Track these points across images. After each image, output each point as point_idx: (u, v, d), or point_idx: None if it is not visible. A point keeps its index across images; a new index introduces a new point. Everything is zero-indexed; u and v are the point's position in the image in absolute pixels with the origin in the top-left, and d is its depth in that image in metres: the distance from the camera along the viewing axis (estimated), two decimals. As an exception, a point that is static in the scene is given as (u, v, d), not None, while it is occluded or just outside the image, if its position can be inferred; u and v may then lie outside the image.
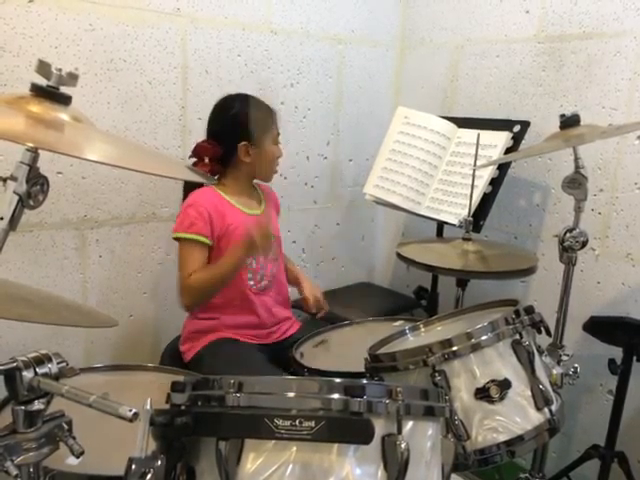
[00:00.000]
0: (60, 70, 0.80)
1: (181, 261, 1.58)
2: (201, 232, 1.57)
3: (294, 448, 0.74)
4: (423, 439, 0.82)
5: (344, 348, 1.58)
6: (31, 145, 0.73)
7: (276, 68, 2.12)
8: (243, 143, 1.62)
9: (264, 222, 1.54)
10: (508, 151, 1.88)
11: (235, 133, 1.63)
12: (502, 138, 1.88)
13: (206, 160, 1.65)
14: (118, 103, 1.79)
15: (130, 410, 0.66)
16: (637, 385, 1.76)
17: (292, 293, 1.92)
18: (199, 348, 1.63)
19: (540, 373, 1.11)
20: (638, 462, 1.80)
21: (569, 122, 1.40)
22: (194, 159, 1.67)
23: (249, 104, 1.64)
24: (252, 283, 1.66)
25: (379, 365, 1.14)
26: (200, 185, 1.65)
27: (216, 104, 1.70)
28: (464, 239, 1.64)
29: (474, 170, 1.68)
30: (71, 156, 0.74)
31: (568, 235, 1.44)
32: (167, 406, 0.81)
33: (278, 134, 1.71)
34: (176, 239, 1.60)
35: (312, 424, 0.72)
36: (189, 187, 1.67)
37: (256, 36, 2.04)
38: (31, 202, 0.76)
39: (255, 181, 1.78)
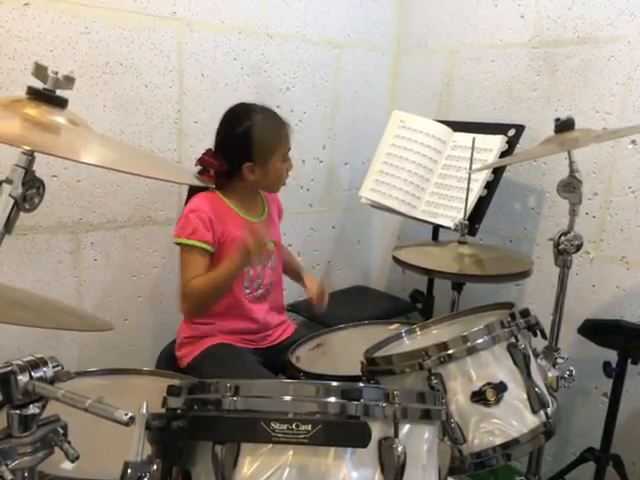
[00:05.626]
0: (56, 73, 0.80)
1: (182, 267, 1.55)
2: (203, 239, 1.53)
3: (291, 452, 0.74)
4: (420, 442, 0.82)
5: (340, 351, 1.58)
6: (27, 148, 0.73)
7: (272, 72, 2.13)
8: (248, 164, 1.56)
9: (259, 229, 1.50)
10: (503, 155, 1.89)
11: (240, 153, 1.56)
12: (497, 142, 1.89)
13: (211, 172, 1.60)
14: (114, 106, 1.78)
15: (126, 414, 0.66)
16: (632, 388, 1.77)
17: (288, 296, 1.92)
18: (195, 354, 1.61)
19: (536, 376, 1.12)
20: (633, 464, 1.80)
21: (564, 126, 1.40)
22: (200, 167, 1.62)
23: (257, 123, 1.55)
24: (248, 291, 1.65)
25: (375, 368, 1.14)
26: (205, 188, 1.61)
27: (225, 113, 1.62)
28: (459, 242, 1.65)
29: (469, 174, 1.69)
30: (67, 159, 0.74)
31: (563, 238, 1.45)
32: (163, 410, 0.81)
33: (289, 149, 1.63)
34: (177, 244, 1.57)
35: (309, 428, 0.72)
36: (193, 189, 1.64)
37: (252, 40, 2.05)
38: (27, 205, 0.76)
39: None
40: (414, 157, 2.03)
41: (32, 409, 0.73)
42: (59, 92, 0.81)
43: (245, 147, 1.55)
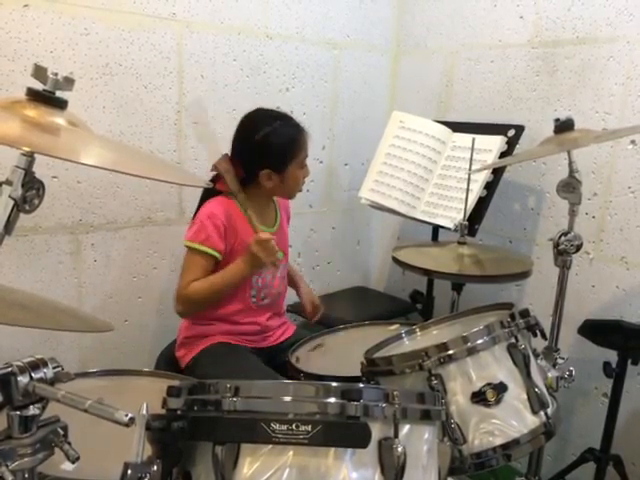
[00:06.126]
0: (56, 74, 0.80)
1: (185, 268, 1.56)
2: (215, 247, 1.53)
3: (291, 452, 0.74)
4: (420, 443, 0.83)
5: (340, 352, 1.58)
6: (27, 149, 0.73)
7: (271, 72, 2.13)
8: (266, 171, 1.56)
9: (269, 238, 1.50)
10: (503, 155, 1.89)
11: (258, 160, 1.55)
12: (497, 142, 1.89)
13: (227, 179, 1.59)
14: (114, 107, 1.78)
15: (126, 415, 0.66)
16: (632, 388, 1.77)
17: (288, 297, 1.92)
18: (195, 354, 1.62)
19: (536, 376, 1.12)
20: (633, 464, 1.80)
21: (563, 126, 1.41)
22: (214, 172, 1.60)
23: (276, 130, 1.55)
24: (254, 300, 1.65)
25: (375, 369, 1.14)
26: (219, 192, 1.60)
27: (243, 119, 1.61)
28: (459, 243, 1.65)
29: (469, 174, 1.69)
30: (67, 160, 0.74)
31: (563, 239, 1.45)
32: (163, 411, 0.81)
33: (306, 156, 1.63)
34: (187, 246, 1.56)
35: (309, 428, 0.72)
36: (208, 192, 1.62)
37: (252, 41, 2.05)
38: (26, 206, 0.76)
39: None
40: (414, 157, 2.03)
41: (32, 410, 0.73)
42: (59, 93, 0.81)
43: (264, 154, 1.55)
